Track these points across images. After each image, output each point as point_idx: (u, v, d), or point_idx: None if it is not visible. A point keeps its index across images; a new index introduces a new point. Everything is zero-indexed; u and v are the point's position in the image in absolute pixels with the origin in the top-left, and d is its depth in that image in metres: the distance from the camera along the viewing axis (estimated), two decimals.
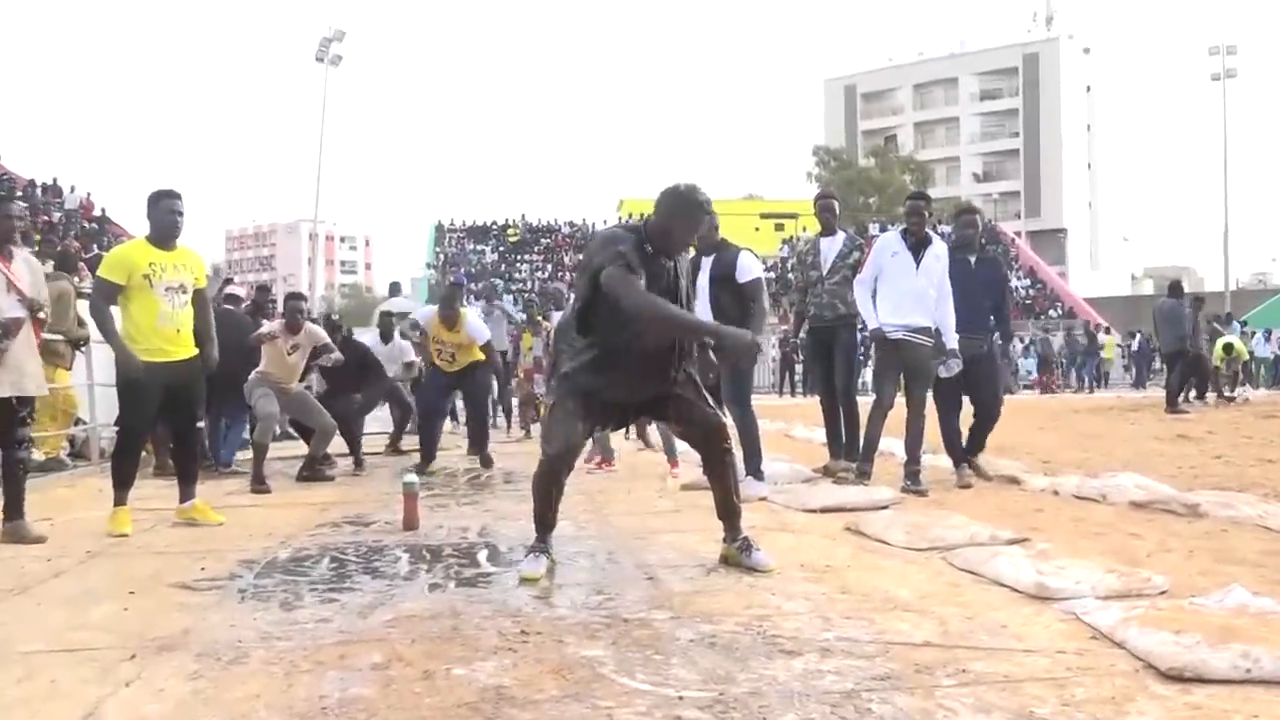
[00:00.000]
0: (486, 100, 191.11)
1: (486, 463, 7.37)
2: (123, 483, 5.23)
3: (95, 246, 18.06)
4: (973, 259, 6.80)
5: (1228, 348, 17.08)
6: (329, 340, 7.90)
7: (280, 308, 8.11)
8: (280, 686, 2.57)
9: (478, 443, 7.60)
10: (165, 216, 5.25)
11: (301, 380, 8.00)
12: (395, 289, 16.86)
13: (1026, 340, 29.95)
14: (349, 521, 5.47)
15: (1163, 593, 3.35)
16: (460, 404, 10.29)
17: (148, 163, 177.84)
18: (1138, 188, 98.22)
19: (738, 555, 3.98)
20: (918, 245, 6.30)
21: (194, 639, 3.04)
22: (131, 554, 4.59)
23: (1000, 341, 7.00)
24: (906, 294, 6.21)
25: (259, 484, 6.79)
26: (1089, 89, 69.12)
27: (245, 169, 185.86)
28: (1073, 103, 67.31)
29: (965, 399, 6.78)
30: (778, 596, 3.46)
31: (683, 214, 3.86)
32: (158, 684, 2.61)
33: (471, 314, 8.10)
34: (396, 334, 10.25)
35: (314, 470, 7.56)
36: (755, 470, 6.07)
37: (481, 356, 7.97)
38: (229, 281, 11.72)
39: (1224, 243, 41.03)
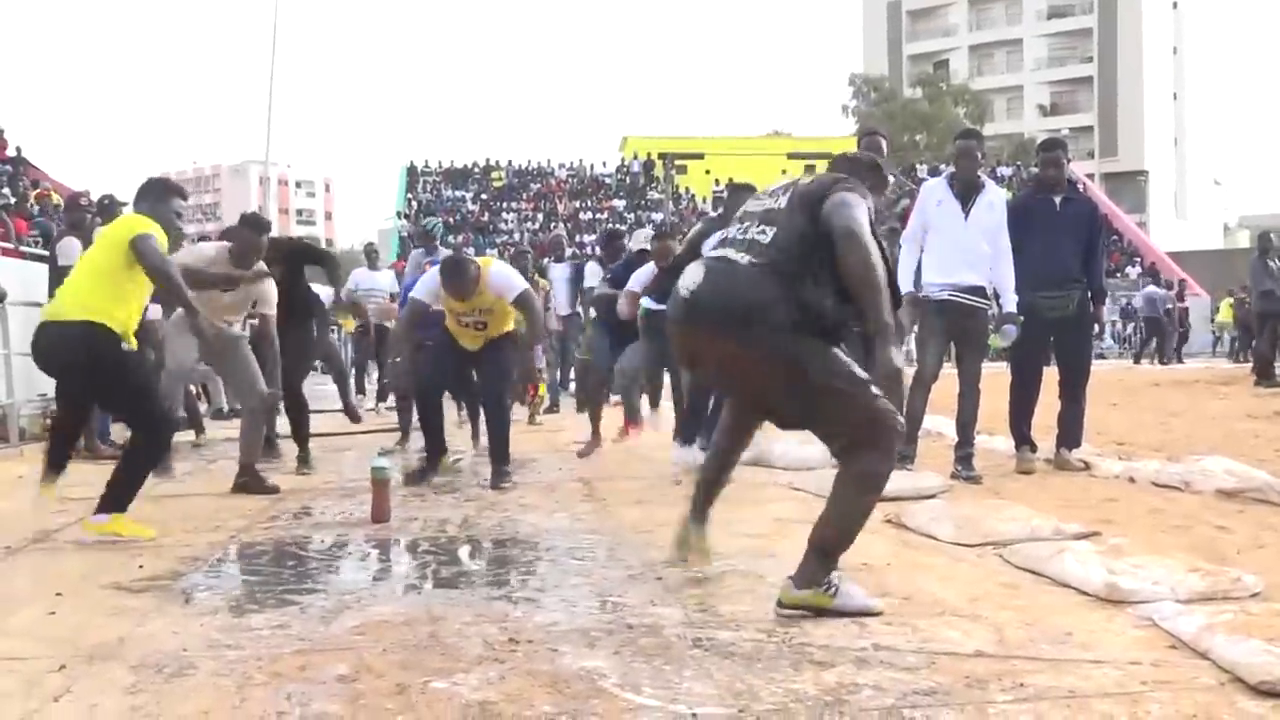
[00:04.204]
0: (467, 23, 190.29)
1: (499, 479, 6.27)
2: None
3: (9, 193, 17.96)
4: (1058, 199, 6.57)
5: None
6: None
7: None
8: (231, 702, 2.60)
9: (494, 454, 6.42)
10: (170, 215, 5.19)
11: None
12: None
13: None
14: (308, 512, 5.51)
15: (1254, 595, 3.38)
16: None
17: (69, 94, 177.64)
18: (1233, 122, 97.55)
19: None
20: (967, 192, 6.27)
21: (131, 647, 3.07)
22: (58, 550, 4.63)
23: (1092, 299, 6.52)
24: (953, 249, 6.19)
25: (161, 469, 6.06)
26: (1175, 5, 68.52)
27: (183, 100, 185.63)
28: (1156, 21, 66.70)
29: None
30: None
31: None
32: (90, 699, 2.64)
33: (495, 265, 6.70)
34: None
35: (253, 477, 6.27)
36: None
37: (511, 326, 6.73)
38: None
39: None
